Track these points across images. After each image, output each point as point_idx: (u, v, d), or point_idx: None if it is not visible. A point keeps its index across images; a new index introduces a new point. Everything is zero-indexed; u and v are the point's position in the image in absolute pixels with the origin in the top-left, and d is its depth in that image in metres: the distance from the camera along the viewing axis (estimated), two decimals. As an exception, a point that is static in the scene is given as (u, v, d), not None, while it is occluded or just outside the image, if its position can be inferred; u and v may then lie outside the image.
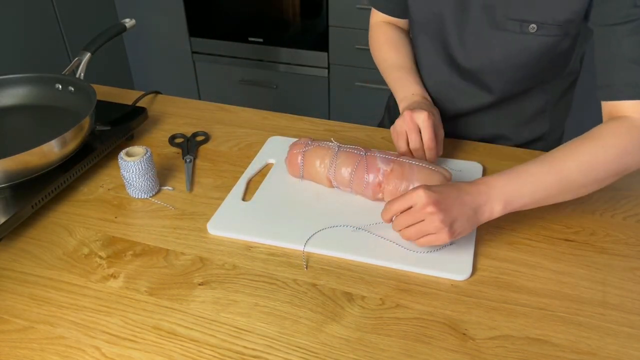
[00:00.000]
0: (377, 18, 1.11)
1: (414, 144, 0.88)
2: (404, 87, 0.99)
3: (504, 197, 0.73)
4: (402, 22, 1.10)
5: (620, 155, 0.75)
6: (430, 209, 0.70)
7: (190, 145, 1.01)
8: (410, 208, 0.73)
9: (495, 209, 0.74)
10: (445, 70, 1.00)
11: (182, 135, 1.04)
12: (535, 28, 0.87)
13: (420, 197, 0.71)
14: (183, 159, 0.98)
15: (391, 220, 0.76)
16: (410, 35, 1.09)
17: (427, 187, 0.72)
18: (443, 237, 0.71)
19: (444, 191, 0.73)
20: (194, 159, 0.98)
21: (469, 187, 0.74)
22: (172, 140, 1.03)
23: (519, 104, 1.01)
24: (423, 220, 0.72)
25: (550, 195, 0.76)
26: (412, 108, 0.89)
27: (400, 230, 0.74)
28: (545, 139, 1.06)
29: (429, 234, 0.72)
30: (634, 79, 0.77)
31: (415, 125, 0.88)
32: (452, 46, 0.96)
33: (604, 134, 0.77)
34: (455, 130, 1.06)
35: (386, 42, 1.07)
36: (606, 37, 0.80)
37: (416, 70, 1.03)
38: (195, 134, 1.04)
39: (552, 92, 1.01)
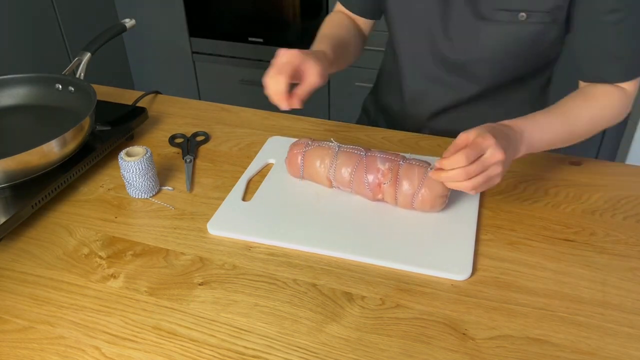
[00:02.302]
0: (339, 8, 1.10)
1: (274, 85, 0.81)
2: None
3: (528, 142, 0.81)
4: (362, 21, 1.09)
5: (614, 116, 0.89)
6: (500, 156, 0.73)
7: (190, 145, 1.01)
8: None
9: (521, 151, 0.80)
10: (431, 66, 1.01)
11: (182, 135, 1.04)
12: (525, 16, 0.88)
13: (493, 148, 0.73)
14: (183, 159, 0.98)
15: (451, 168, 0.74)
16: (389, 37, 1.07)
17: (493, 134, 0.74)
18: (497, 180, 0.76)
19: (503, 136, 0.76)
20: (194, 159, 0.98)
21: (510, 130, 0.79)
22: (172, 140, 1.03)
23: (504, 95, 1.02)
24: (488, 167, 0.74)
25: (558, 142, 0.86)
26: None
27: (464, 180, 0.74)
28: None
29: (488, 181, 0.75)
30: (621, 68, 0.88)
31: (278, 64, 0.83)
32: (438, 40, 0.97)
33: (600, 95, 0.88)
34: (438, 126, 1.06)
35: (330, 21, 1.06)
36: (591, 28, 0.87)
37: (338, 44, 0.97)
38: (195, 134, 1.04)
39: (532, 88, 1.04)
